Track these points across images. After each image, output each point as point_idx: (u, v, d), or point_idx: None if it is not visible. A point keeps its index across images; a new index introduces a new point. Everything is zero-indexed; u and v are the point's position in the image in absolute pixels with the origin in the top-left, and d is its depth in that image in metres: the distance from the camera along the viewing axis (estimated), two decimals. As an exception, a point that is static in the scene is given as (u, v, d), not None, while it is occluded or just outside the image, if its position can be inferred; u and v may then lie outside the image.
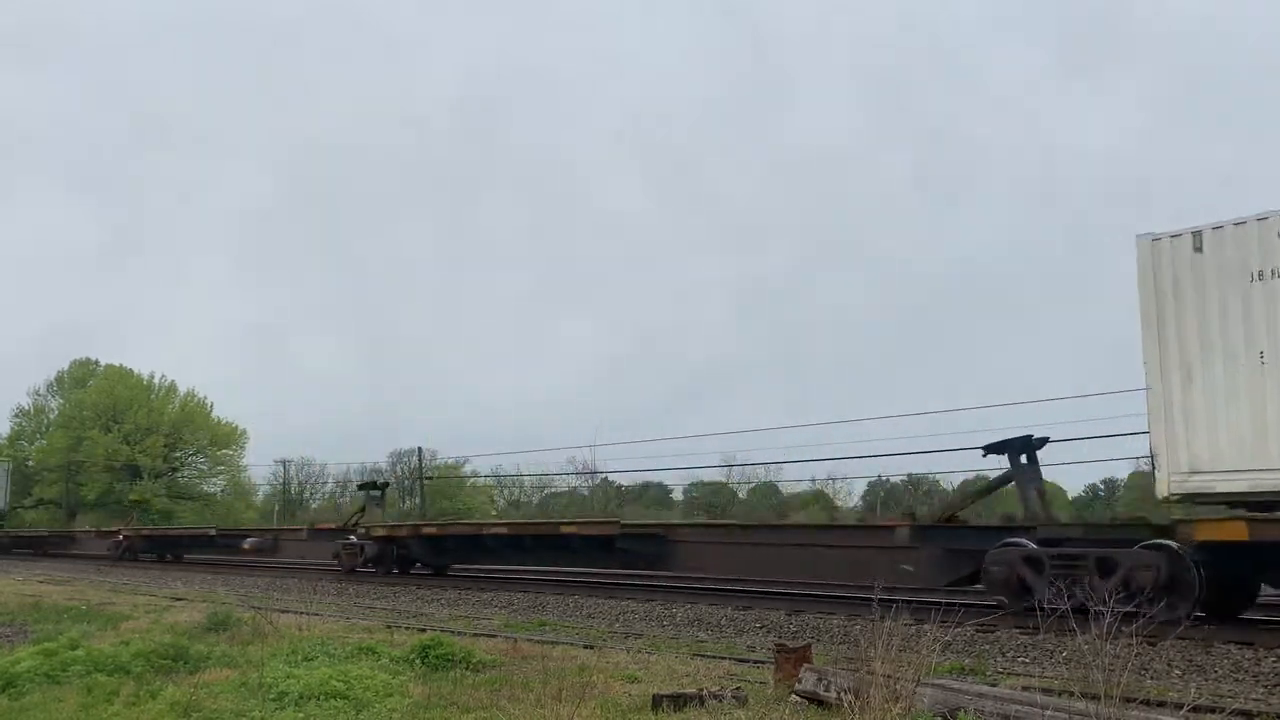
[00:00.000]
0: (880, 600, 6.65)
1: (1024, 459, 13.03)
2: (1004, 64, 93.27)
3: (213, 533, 32.70)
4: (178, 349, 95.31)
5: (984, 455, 13.59)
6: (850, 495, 55.54)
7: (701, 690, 6.89)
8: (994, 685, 6.85)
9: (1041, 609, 7.05)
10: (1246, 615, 11.25)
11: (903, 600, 6.87)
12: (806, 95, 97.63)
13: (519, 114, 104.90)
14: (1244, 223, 10.36)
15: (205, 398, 63.73)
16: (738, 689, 6.98)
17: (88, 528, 43.01)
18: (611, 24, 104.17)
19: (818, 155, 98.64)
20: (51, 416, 64.10)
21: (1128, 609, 6.24)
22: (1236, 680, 8.63)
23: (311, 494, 65.67)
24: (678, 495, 58.99)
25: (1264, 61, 77.26)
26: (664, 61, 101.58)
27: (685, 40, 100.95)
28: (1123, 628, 5.52)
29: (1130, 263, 11.07)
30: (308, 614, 12.16)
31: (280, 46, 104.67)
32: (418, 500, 56.88)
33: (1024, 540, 11.93)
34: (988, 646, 10.56)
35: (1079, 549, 11.40)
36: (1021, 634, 10.74)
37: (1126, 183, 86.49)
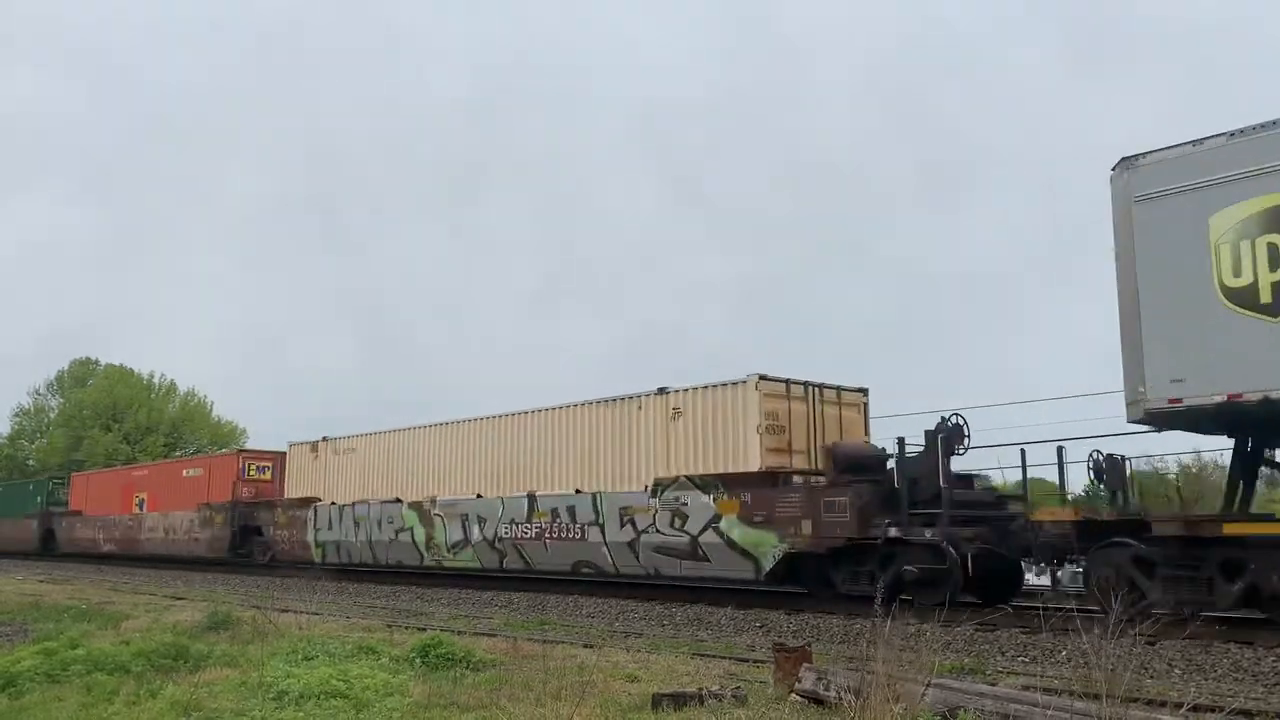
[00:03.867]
0: (879, 600, 6.66)
1: None
2: (1010, 64, 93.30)
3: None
4: (178, 348, 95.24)
5: None
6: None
7: (701, 690, 6.89)
8: (994, 685, 6.85)
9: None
10: (1245, 615, 11.23)
11: (901, 600, 6.86)
12: (813, 95, 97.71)
13: (526, 113, 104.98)
14: None
15: (205, 397, 63.78)
16: (737, 688, 6.98)
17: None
18: (618, 23, 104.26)
19: (823, 155, 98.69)
20: (51, 416, 64.10)
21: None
22: (1236, 680, 8.63)
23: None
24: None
25: (1271, 60, 77.21)
26: (672, 61, 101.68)
27: (694, 40, 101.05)
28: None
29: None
30: (308, 613, 12.16)
31: (285, 44, 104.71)
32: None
33: None
34: (987, 646, 10.56)
35: None
36: (1021, 633, 10.75)
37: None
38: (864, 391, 16.52)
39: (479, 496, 18.92)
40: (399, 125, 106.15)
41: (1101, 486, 12.93)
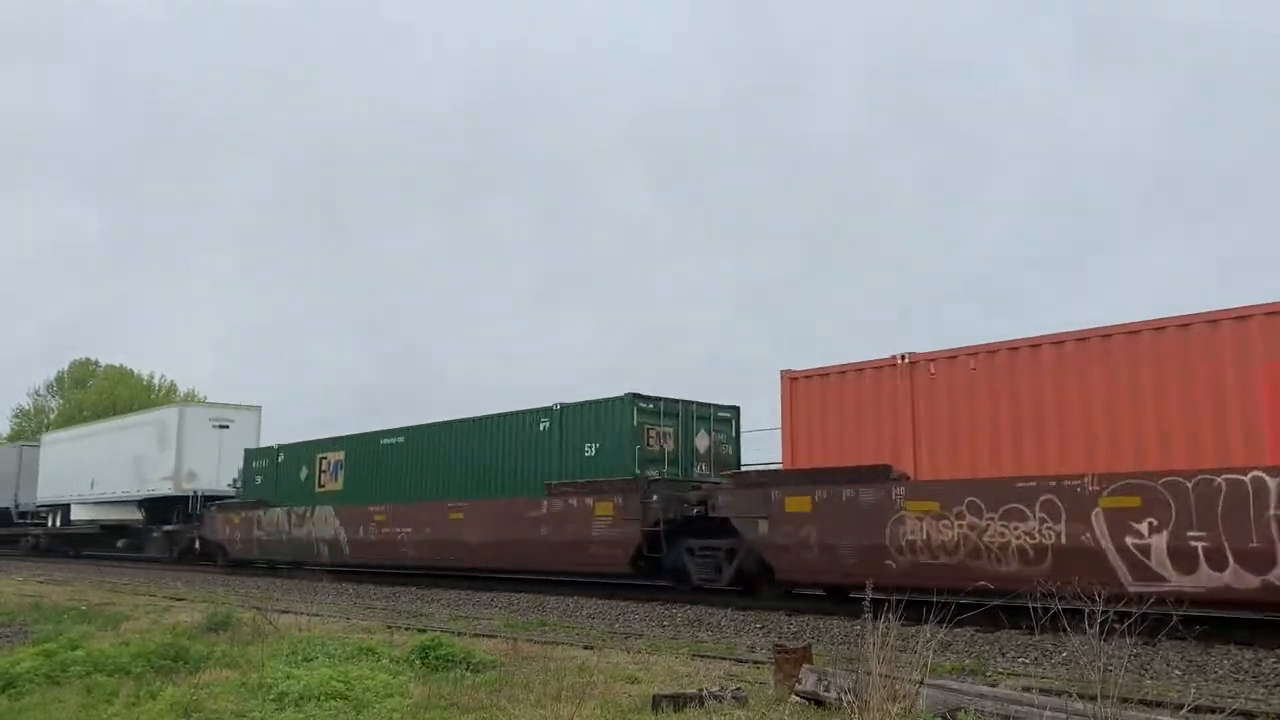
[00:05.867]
0: (874, 599, 6.65)
1: None
2: (1015, 62, 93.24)
3: None
4: (178, 348, 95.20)
5: None
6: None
7: (701, 691, 6.89)
8: (994, 685, 6.86)
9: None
10: (1246, 615, 11.20)
11: (896, 598, 6.83)
12: (814, 94, 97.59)
13: (526, 113, 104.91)
14: None
15: (205, 398, 63.83)
16: (738, 689, 6.99)
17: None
18: (618, 21, 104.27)
19: (824, 154, 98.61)
20: (51, 417, 64.11)
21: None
22: (1236, 680, 8.63)
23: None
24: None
25: (1272, 60, 77.10)
26: (671, 60, 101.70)
27: (694, 39, 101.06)
28: (1116, 626, 5.51)
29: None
30: (308, 614, 12.15)
31: (286, 44, 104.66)
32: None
33: None
34: (988, 647, 10.56)
35: None
36: (1021, 634, 10.75)
37: (1138, 182, 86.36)
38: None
39: None
40: (399, 125, 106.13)
41: None
